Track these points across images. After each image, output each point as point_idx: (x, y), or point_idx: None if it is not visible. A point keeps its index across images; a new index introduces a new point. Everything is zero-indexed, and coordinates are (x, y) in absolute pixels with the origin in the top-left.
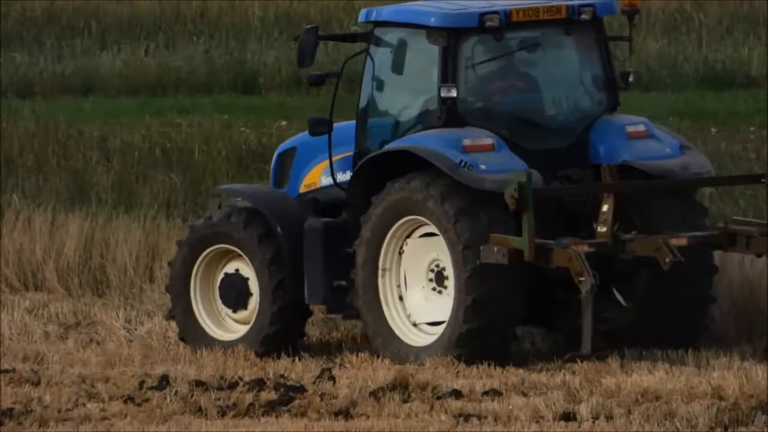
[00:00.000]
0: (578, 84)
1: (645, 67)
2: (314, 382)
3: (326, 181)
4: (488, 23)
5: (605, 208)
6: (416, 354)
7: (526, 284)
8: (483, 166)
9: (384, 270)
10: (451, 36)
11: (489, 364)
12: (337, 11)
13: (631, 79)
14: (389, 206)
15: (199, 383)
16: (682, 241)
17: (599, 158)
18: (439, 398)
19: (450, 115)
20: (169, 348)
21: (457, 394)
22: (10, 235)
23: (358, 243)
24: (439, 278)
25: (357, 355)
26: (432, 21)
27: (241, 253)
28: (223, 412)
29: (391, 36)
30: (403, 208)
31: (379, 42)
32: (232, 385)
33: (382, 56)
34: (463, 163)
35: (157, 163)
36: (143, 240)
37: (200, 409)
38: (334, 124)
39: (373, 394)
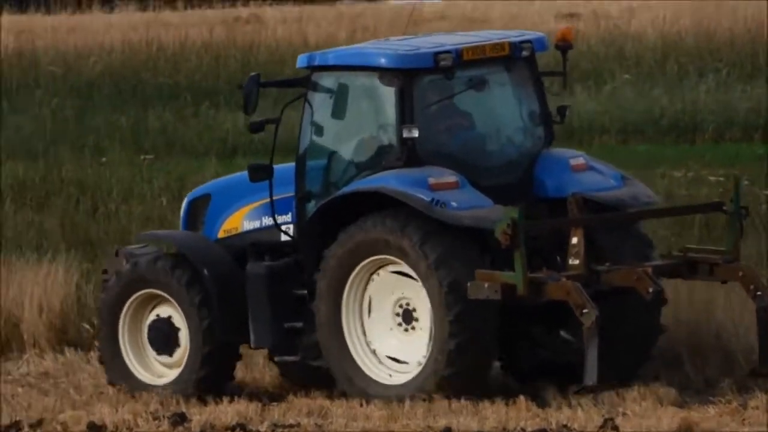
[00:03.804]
0: (521, 120)
1: None
2: None
3: (250, 225)
4: (442, 63)
5: (575, 240)
6: (385, 392)
7: (498, 324)
8: (454, 204)
9: (347, 307)
10: (406, 77)
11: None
12: None
13: (567, 113)
14: (358, 245)
15: None
16: (647, 271)
17: (547, 192)
18: None
19: (410, 155)
20: (450, 400)
21: None
22: None
23: (319, 280)
24: (407, 317)
25: (640, 404)
26: (384, 62)
27: (169, 297)
28: None
29: (332, 80)
30: (373, 248)
31: (317, 87)
32: None
33: (322, 100)
34: (435, 201)
35: None
36: None
37: None
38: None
39: None
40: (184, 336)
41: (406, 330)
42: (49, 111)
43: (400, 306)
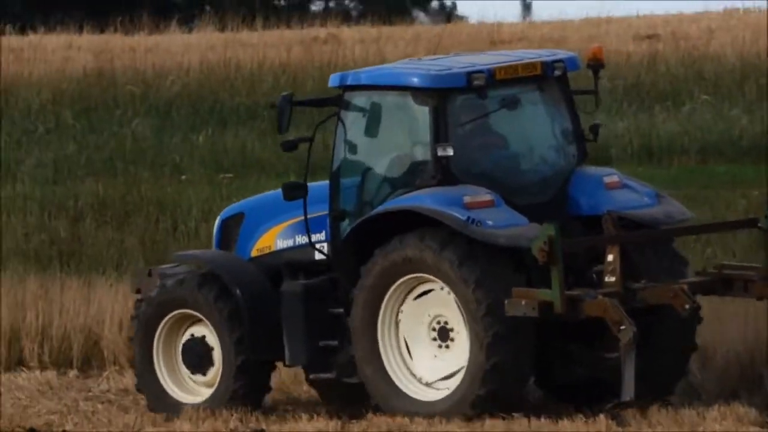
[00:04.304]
0: (554, 138)
1: None
2: None
3: (283, 244)
4: (475, 82)
5: (611, 257)
6: (424, 409)
7: (535, 342)
8: (490, 222)
9: (384, 344)
10: (439, 96)
11: None
12: None
13: (599, 131)
14: (394, 264)
15: None
16: (683, 288)
17: (580, 210)
18: None
19: (444, 173)
20: (529, 418)
21: None
22: None
23: (355, 299)
24: (443, 334)
25: (720, 423)
26: (417, 82)
27: (199, 315)
28: None
29: (364, 99)
30: (408, 266)
31: (350, 106)
32: None
33: (355, 119)
34: (471, 220)
35: None
36: None
37: None
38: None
39: None
40: (217, 354)
41: (448, 346)
42: (128, 130)
43: (434, 329)
